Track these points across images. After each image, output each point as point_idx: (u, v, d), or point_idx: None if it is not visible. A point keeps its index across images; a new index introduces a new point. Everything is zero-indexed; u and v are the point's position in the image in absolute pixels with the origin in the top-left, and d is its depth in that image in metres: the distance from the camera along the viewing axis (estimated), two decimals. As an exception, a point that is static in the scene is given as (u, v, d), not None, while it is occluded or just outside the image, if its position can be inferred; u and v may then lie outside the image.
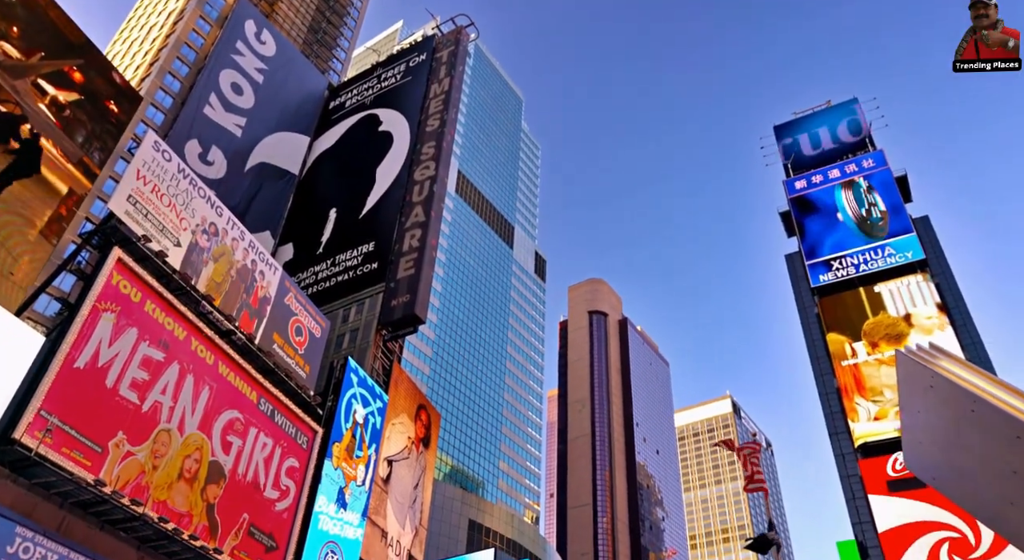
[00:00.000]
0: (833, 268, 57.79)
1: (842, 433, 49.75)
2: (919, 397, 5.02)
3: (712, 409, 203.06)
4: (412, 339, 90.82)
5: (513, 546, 76.35)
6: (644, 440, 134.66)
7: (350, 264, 49.68)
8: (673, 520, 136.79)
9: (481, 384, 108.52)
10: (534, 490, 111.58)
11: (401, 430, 37.30)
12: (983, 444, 4.79)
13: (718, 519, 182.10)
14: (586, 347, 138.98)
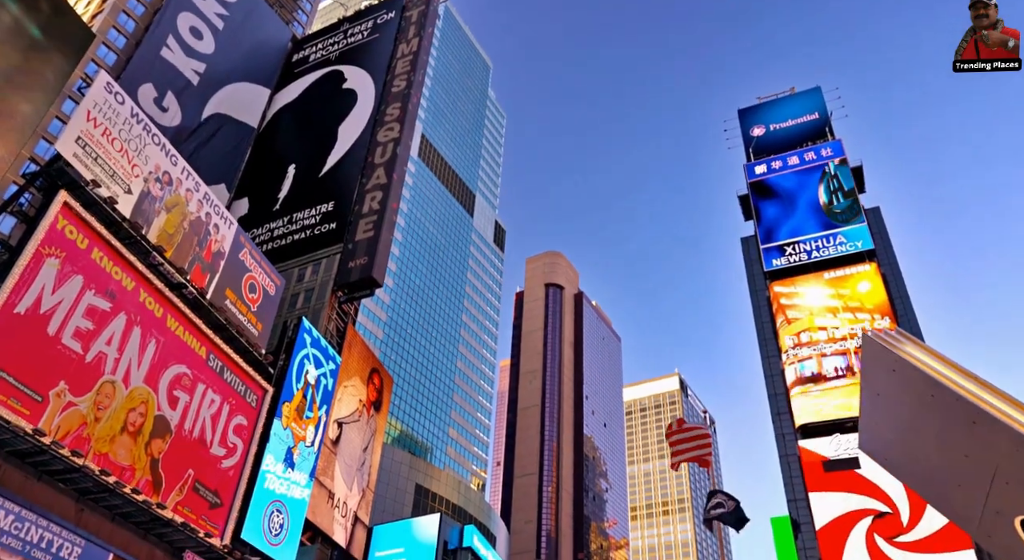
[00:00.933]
0: (787, 253, 59.06)
1: (784, 414, 51.40)
2: (881, 380, 5.11)
3: (660, 386, 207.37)
4: (367, 302, 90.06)
5: (458, 512, 77.26)
6: (593, 413, 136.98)
7: (308, 223, 48.71)
8: (616, 492, 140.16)
9: (434, 351, 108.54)
10: (482, 458, 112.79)
11: (353, 393, 37.08)
12: (939, 428, 4.90)
13: (659, 492, 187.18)
14: (541, 319, 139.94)
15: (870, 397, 5.35)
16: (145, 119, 26.74)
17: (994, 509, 4.89)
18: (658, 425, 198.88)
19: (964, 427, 4.62)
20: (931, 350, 4.70)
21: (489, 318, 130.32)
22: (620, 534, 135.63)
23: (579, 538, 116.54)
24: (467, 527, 55.63)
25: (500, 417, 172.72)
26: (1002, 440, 4.37)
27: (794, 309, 55.02)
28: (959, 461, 4.89)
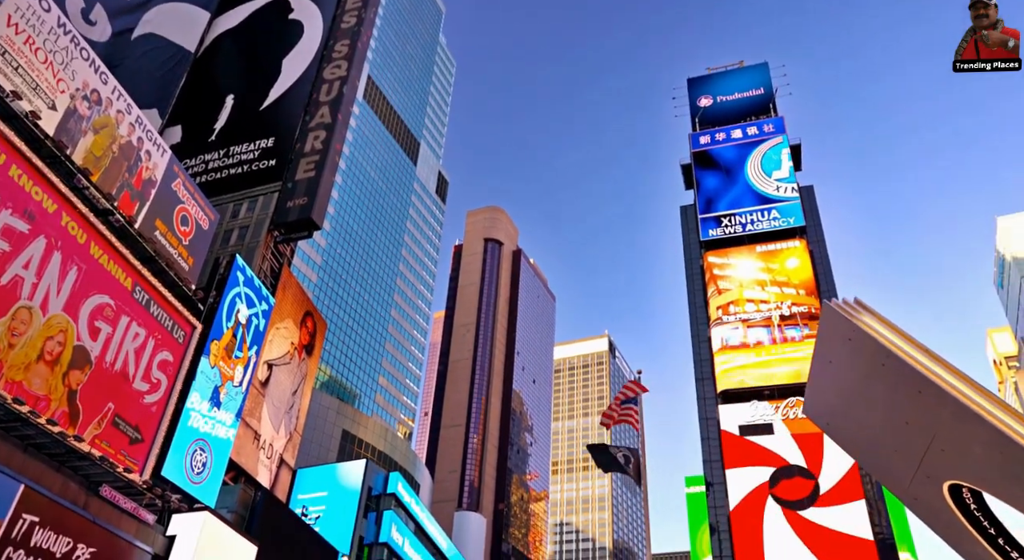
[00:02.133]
0: (723, 224, 60.50)
1: (707, 379, 53.34)
2: (835, 347, 5.23)
3: (590, 346, 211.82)
4: (302, 245, 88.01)
5: (384, 458, 77.75)
6: (523, 369, 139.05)
7: (245, 158, 46.76)
8: (540, 446, 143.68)
9: (369, 298, 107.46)
10: (410, 407, 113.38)
11: (285, 335, 36.36)
12: (886, 396, 5.06)
13: (581, 449, 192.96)
14: (478, 273, 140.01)
15: (822, 364, 5.49)
16: (73, 31, 24.82)
17: (925, 473, 5.12)
18: (585, 384, 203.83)
19: (911, 396, 4.78)
20: (886, 321, 4.83)
21: (426, 269, 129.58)
22: (540, 487, 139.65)
23: (501, 489, 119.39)
24: (392, 474, 56.12)
25: (431, 368, 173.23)
26: (945, 409, 4.54)
27: (726, 280, 56.68)
28: (900, 428, 5.08)
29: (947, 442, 4.78)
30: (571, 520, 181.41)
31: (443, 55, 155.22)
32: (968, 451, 4.66)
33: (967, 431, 4.51)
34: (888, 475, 5.61)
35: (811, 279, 54.17)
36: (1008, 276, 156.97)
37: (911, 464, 5.22)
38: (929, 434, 4.88)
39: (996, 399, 4.45)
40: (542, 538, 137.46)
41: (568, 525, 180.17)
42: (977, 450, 4.56)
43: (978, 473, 4.73)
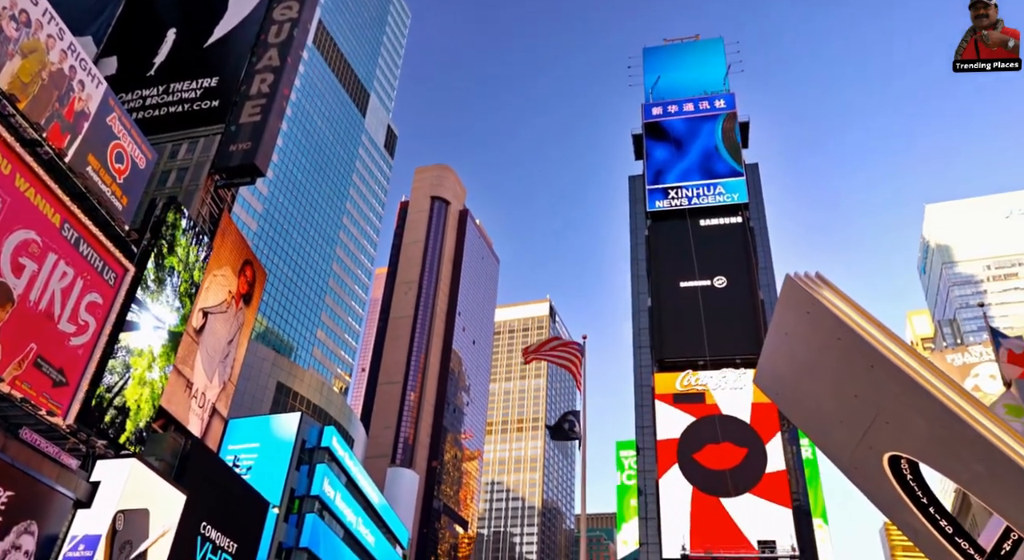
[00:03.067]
0: (670, 196, 61.22)
1: (644, 347, 54.56)
2: (792, 320, 5.30)
3: (531, 310, 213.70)
4: (243, 191, 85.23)
5: (319, 412, 77.23)
6: (464, 329, 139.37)
7: (187, 96, 44.56)
8: (476, 406, 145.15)
9: (310, 250, 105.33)
10: (348, 362, 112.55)
11: (222, 283, 35.31)
12: (838, 369, 5.17)
13: (516, 410, 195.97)
14: (423, 231, 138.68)
15: (778, 335, 5.58)
16: (0, -58, 22.94)
17: (867, 445, 5.29)
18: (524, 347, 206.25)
19: (862, 369, 4.89)
20: (845, 296, 4.92)
21: (371, 224, 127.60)
22: (474, 446, 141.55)
23: (435, 447, 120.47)
24: (327, 428, 55.83)
25: (371, 324, 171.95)
26: (895, 384, 4.66)
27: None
28: (848, 400, 5.21)
29: (893, 415, 4.93)
30: (503, 479, 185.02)
31: (398, 4, 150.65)
32: (912, 425, 4.81)
33: (914, 405, 4.64)
34: (831, 445, 5.79)
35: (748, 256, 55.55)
36: (931, 262, 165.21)
37: (855, 435, 5.38)
38: (876, 407, 5.01)
39: (944, 376, 4.60)
40: (473, 496, 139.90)
41: (499, 484, 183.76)
42: (921, 424, 4.71)
43: (919, 446, 4.90)
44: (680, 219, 59.38)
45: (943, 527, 5.24)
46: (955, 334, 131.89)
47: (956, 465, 4.72)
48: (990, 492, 4.60)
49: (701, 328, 48.70)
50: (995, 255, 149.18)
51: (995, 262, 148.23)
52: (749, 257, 55.94)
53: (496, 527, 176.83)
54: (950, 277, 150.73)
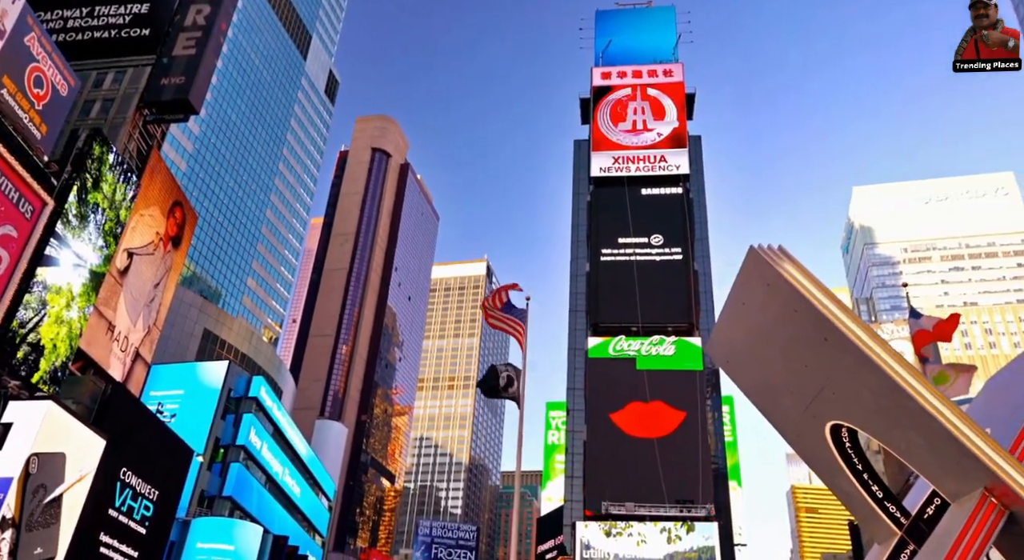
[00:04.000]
0: (614, 162, 61.52)
1: (580, 311, 55.37)
2: (752, 290, 5.34)
3: (468, 269, 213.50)
4: (173, 129, 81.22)
5: (247, 362, 75.65)
6: (399, 285, 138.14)
7: (114, 21, 41.67)
8: (408, 362, 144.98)
9: (243, 196, 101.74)
10: (279, 312, 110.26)
11: (150, 223, 33.69)
12: (792, 340, 5.26)
13: (448, 368, 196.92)
14: (363, 183, 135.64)
15: (735, 305, 5.62)
16: None
17: (812, 413, 5.44)
18: (459, 306, 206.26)
19: (816, 342, 4.98)
20: (805, 270, 4.97)
21: (308, 172, 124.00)
22: (405, 401, 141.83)
23: (365, 401, 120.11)
24: (255, 378, 54.74)
25: (304, 275, 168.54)
26: (847, 357, 4.76)
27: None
28: (799, 370, 5.31)
29: (840, 386, 5.05)
30: (431, 435, 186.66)
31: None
32: (859, 396, 4.94)
33: (862, 378, 4.76)
34: (777, 412, 5.93)
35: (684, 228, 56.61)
36: (854, 242, 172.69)
37: (801, 404, 5.51)
38: (825, 378, 5.13)
39: (894, 352, 4.72)
40: (401, 450, 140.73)
41: (428, 440, 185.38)
42: (868, 396, 4.84)
43: (863, 416, 5.05)
44: (622, 186, 59.86)
45: (874, 492, 5.47)
46: (870, 312, 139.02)
47: (897, 435, 4.89)
48: (927, 462, 4.79)
49: (636, 295, 49.68)
50: (912, 238, 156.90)
51: (911, 245, 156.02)
52: (687, 228, 57.05)
53: (423, 482, 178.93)
54: (870, 257, 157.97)
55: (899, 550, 5.22)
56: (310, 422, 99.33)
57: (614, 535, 40.39)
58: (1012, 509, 4.28)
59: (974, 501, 4.36)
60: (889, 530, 5.38)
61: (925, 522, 5.32)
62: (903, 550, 5.21)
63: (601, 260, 54.76)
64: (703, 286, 55.14)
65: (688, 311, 50.65)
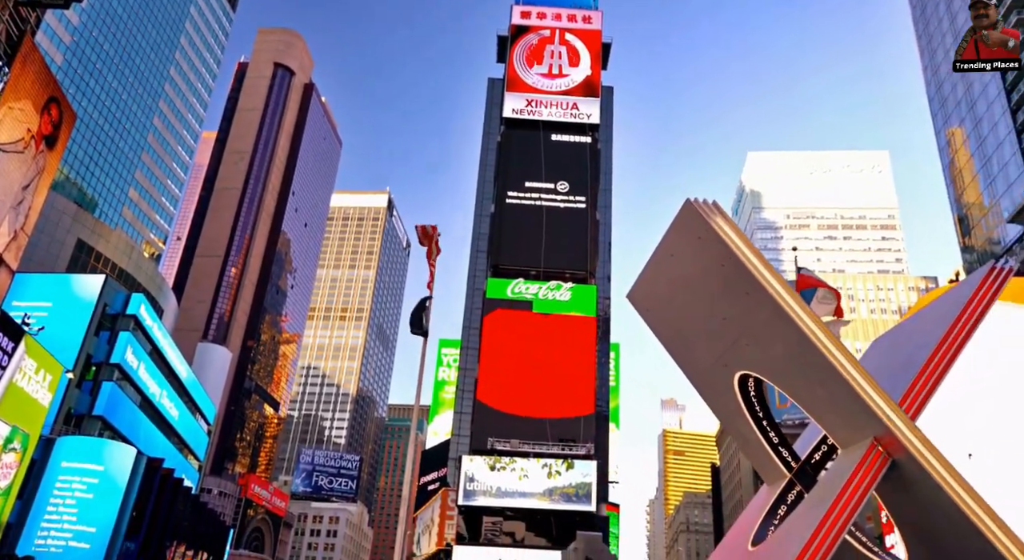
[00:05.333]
0: (528, 104, 61.04)
1: (481, 252, 55.58)
2: (682, 242, 5.49)
3: (369, 200, 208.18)
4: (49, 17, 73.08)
5: (126, 277, 71.27)
6: (296, 210, 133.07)
7: None
8: (300, 290, 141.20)
9: (127, 98, 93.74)
10: (163, 228, 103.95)
11: (20, 117, 30.53)
12: (715, 292, 5.48)
13: (342, 299, 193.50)
14: (262, 99, 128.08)
15: (663, 255, 5.77)
16: None
17: (724, 362, 5.74)
18: (357, 237, 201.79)
19: (738, 295, 5.21)
20: (736, 227, 5.15)
21: (203, 81, 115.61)
22: (294, 329, 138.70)
23: (253, 326, 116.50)
24: (135, 295, 51.79)
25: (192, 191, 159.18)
26: (765, 310, 5.02)
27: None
28: (717, 321, 5.56)
29: (754, 338, 5.33)
30: (319, 365, 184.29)
31: None
32: (771, 348, 5.23)
33: (777, 331, 5.04)
34: (689, 359, 6.20)
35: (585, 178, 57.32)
36: (743, 205, 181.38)
37: (715, 353, 5.79)
38: (741, 330, 5.39)
39: (808, 309, 5.01)
40: (287, 378, 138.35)
41: (316, 369, 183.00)
42: (779, 348, 5.14)
43: (773, 367, 5.37)
44: (533, 130, 59.65)
45: (771, 438, 5.88)
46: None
47: (801, 386, 5.25)
48: (825, 411, 5.17)
49: (539, 240, 50.33)
50: (794, 206, 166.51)
51: (794, 212, 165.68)
52: (593, 177, 57.88)
53: (308, 410, 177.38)
54: (756, 221, 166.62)
55: (787, 490, 5.69)
56: (192, 344, 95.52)
57: (498, 469, 41.84)
58: (895, 457, 4.73)
59: (864, 449, 4.78)
60: (780, 472, 5.84)
61: (812, 466, 5.81)
62: (791, 490, 5.68)
63: (507, 202, 54.85)
64: (603, 235, 56.53)
65: (587, 259, 51.93)
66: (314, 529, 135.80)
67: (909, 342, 5.96)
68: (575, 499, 40.97)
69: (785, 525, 5.04)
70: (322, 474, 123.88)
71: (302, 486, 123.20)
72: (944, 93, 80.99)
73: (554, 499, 41.22)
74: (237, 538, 79.02)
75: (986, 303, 5.55)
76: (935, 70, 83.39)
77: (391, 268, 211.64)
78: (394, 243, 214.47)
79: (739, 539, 5.70)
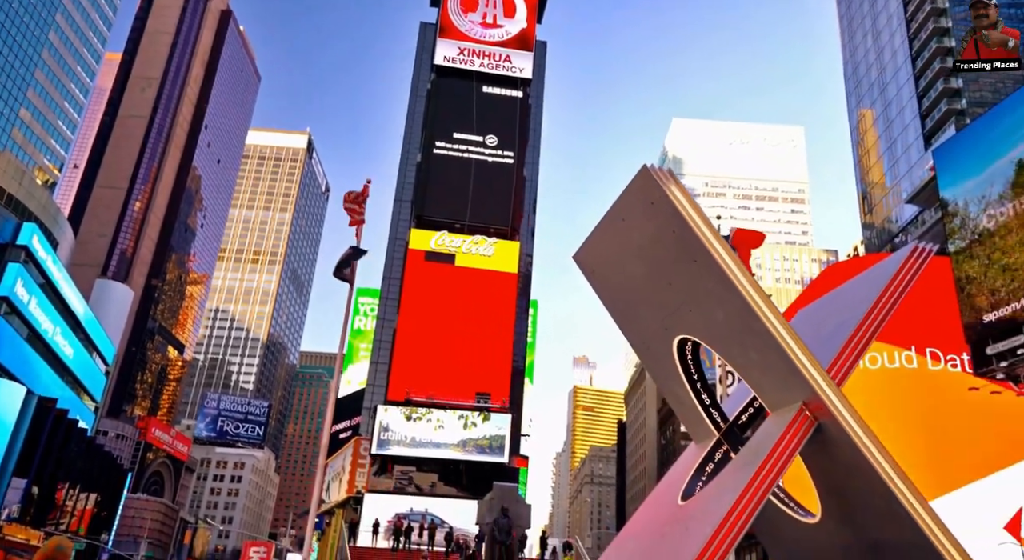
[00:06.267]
0: (460, 53, 59.67)
1: (405, 201, 54.59)
2: (635, 206, 5.56)
3: (288, 140, 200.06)
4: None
5: (16, 204, 66.29)
6: (209, 145, 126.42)
7: None
8: (211, 229, 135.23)
9: (18, 8, 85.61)
10: (59, 154, 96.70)
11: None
12: (663, 258, 5.61)
13: (255, 241, 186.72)
14: (174, 22, 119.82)
15: (614, 219, 5.85)
16: None
17: (665, 326, 5.93)
18: (274, 177, 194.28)
19: (685, 262, 5.36)
20: (688, 195, 5.27)
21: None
22: (203, 270, 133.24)
23: (158, 264, 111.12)
24: (27, 224, 48.43)
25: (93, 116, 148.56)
26: (711, 278, 5.20)
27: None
28: (662, 286, 5.71)
29: (697, 305, 5.52)
30: (229, 308, 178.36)
31: None
32: (712, 314, 5.44)
33: (721, 299, 5.24)
34: (630, 322, 6.36)
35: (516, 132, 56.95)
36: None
37: (657, 317, 5.97)
38: (685, 296, 5.56)
39: (751, 279, 5.22)
40: (194, 320, 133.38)
41: (225, 312, 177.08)
42: (721, 315, 5.36)
43: (712, 332, 5.59)
44: (465, 80, 58.50)
45: (703, 399, 6.16)
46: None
47: (738, 352, 5.49)
48: (759, 376, 5.45)
49: (465, 193, 49.85)
50: (713, 174, 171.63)
51: (712, 180, 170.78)
52: (523, 132, 57.53)
53: (214, 354, 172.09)
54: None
55: (715, 449, 6.00)
56: (90, 280, 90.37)
57: (413, 420, 42.07)
58: (820, 420, 5.06)
59: (792, 412, 5.08)
60: (709, 432, 6.14)
61: (739, 427, 6.14)
62: (718, 449, 6.00)
63: (434, 152, 53.91)
64: (529, 192, 56.57)
65: (512, 215, 51.99)
66: (218, 474, 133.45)
67: (835, 315, 6.31)
68: (488, 451, 41.80)
69: (716, 481, 5.32)
70: (228, 419, 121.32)
71: (206, 431, 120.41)
72: (859, 74, 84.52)
73: (468, 450, 41.91)
74: (135, 482, 76.75)
75: (908, 281, 5.93)
76: (853, 51, 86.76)
77: (308, 212, 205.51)
78: (312, 186, 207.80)
79: (668, 494, 5.99)
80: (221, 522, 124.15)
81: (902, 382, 24.32)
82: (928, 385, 36.74)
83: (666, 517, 5.67)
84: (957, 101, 65.12)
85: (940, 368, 39.42)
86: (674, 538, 5.17)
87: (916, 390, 31.41)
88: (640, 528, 6.15)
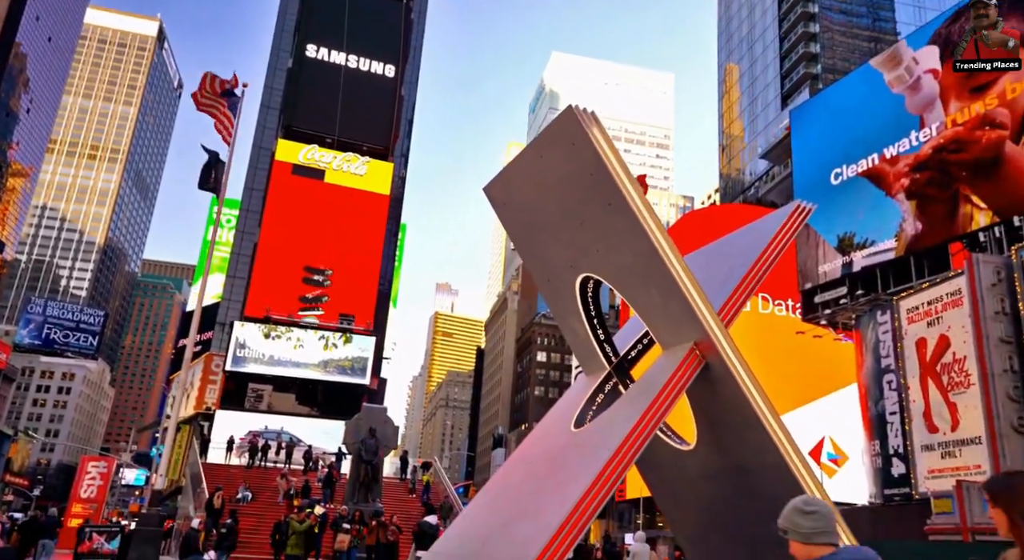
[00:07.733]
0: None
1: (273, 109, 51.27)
2: (555, 145, 5.64)
3: (135, 24, 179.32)
4: None
5: None
6: (38, 18, 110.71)
7: None
8: (38, 116, 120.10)
9: None
10: None
11: None
12: (577, 199, 5.77)
13: (93, 135, 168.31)
14: None
15: (532, 155, 5.90)
16: None
17: (571, 264, 6.16)
18: (117, 66, 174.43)
19: (599, 204, 5.55)
20: (609, 139, 5.41)
21: None
22: (28, 162, 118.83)
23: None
24: None
25: None
26: (621, 221, 5.44)
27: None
28: (574, 226, 5.90)
29: (606, 246, 5.76)
30: (59, 206, 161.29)
31: None
32: (619, 256, 5.72)
33: (629, 241, 5.50)
34: (537, 257, 6.53)
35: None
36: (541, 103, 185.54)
37: (565, 255, 6.18)
38: (595, 236, 5.79)
39: (662, 227, 5.52)
40: (16, 217, 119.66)
41: (55, 210, 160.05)
42: (628, 256, 5.64)
43: (617, 274, 5.88)
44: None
45: (599, 334, 6.51)
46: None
47: (640, 293, 5.82)
48: (656, 316, 5.82)
49: (337, 105, 47.36)
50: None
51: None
52: (403, 47, 55.10)
53: (41, 256, 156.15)
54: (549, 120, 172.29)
55: (605, 381, 6.41)
56: None
57: (272, 337, 40.84)
58: (708, 360, 5.53)
59: (684, 351, 5.50)
60: (600, 365, 6.52)
61: (628, 362, 6.56)
62: (608, 381, 6.41)
63: (306, 57, 50.57)
64: (405, 112, 54.80)
65: (388, 134, 50.36)
66: (43, 385, 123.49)
67: (723, 263, 6.80)
68: (351, 372, 41.56)
69: (610, 411, 5.69)
70: (56, 327, 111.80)
71: (28, 338, 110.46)
72: (731, 29, 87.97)
73: (329, 371, 41.46)
74: (-55, 391, 69.48)
75: (790, 234, 6.50)
76: (728, 5, 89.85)
77: (157, 108, 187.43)
78: (163, 80, 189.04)
79: (560, 422, 6.33)
80: (46, 435, 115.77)
81: (739, 322, 26.56)
82: (761, 326, 40.56)
83: (560, 444, 6.02)
84: (814, 66, 69.67)
85: (769, 311, 43.57)
86: (570, 462, 5.53)
87: (751, 331, 34.68)
88: (532, 452, 6.49)
